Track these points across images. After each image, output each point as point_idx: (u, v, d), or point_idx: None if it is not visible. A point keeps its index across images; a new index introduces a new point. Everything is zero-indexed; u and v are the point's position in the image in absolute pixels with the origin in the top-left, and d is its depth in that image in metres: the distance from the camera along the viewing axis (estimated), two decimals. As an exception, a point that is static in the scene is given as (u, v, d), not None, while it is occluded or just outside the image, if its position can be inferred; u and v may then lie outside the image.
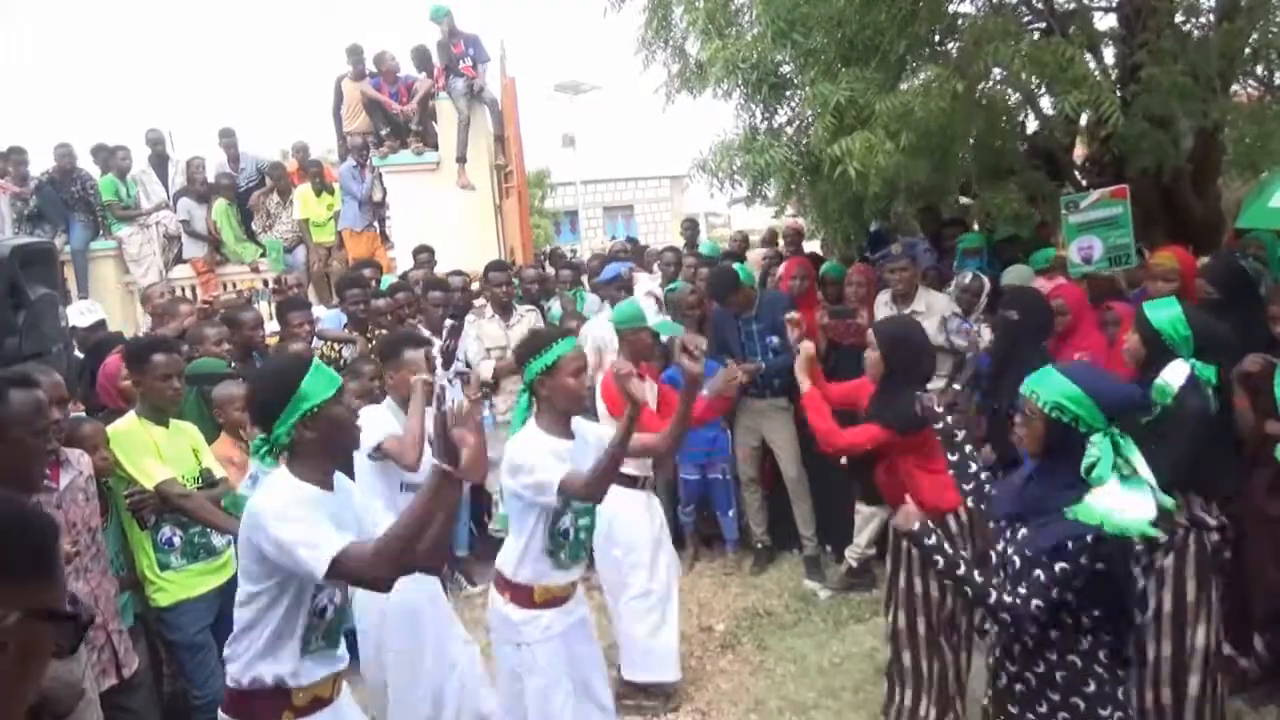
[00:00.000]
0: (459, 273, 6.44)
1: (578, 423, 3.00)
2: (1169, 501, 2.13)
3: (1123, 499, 2.05)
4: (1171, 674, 3.07)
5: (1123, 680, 2.24)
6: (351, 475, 2.45)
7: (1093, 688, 2.18)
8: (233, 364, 4.55)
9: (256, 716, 2.25)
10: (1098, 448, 2.07)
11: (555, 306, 6.14)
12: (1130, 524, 2.03)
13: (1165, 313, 3.09)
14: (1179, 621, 3.06)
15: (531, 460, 2.77)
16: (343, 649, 2.44)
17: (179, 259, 8.97)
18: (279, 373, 2.32)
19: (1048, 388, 2.18)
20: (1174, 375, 2.97)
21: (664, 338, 4.21)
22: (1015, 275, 5.08)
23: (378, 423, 3.36)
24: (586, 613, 3.16)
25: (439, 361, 5.21)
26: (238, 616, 2.25)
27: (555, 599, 2.92)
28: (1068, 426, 2.13)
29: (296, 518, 2.10)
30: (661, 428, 3.32)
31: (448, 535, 2.66)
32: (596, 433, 3.09)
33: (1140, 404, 2.31)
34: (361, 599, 3.03)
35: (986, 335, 4.80)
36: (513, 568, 2.89)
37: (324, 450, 2.29)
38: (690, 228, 8.82)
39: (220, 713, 2.31)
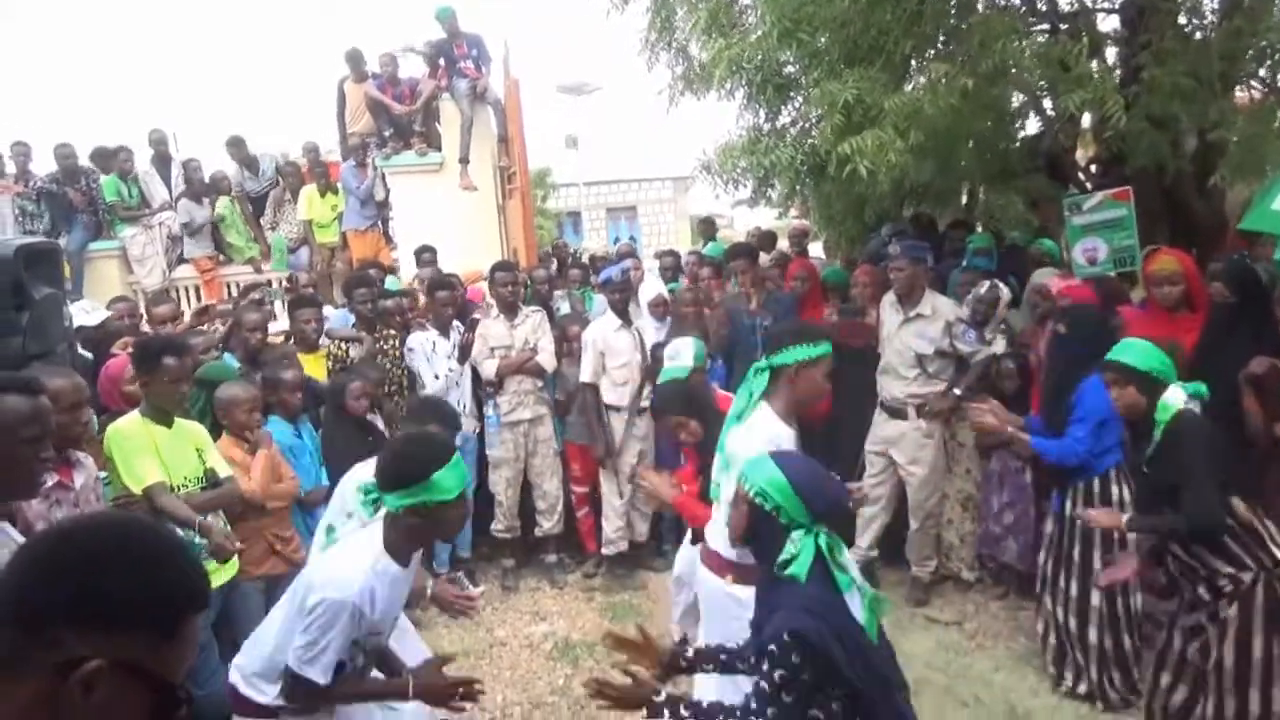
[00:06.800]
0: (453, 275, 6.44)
1: None
2: (870, 593, 2.09)
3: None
4: None
5: None
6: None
7: None
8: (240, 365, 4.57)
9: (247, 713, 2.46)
10: (796, 544, 2.01)
11: (564, 306, 6.15)
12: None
13: (1137, 352, 3.00)
14: (1241, 679, 2.84)
15: None
16: None
17: (182, 259, 8.99)
18: (419, 455, 2.31)
19: (757, 473, 2.11)
20: (1173, 397, 2.94)
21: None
22: (1043, 277, 5.03)
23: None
24: None
25: (456, 355, 5.26)
26: (279, 638, 2.38)
27: None
28: (770, 515, 2.06)
29: (342, 631, 2.23)
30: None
31: None
32: None
33: (846, 510, 2.20)
34: None
35: (1000, 344, 4.78)
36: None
37: (424, 536, 2.41)
38: (707, 227, 8.80)
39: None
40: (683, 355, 4.09)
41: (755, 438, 2.74)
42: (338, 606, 2.20)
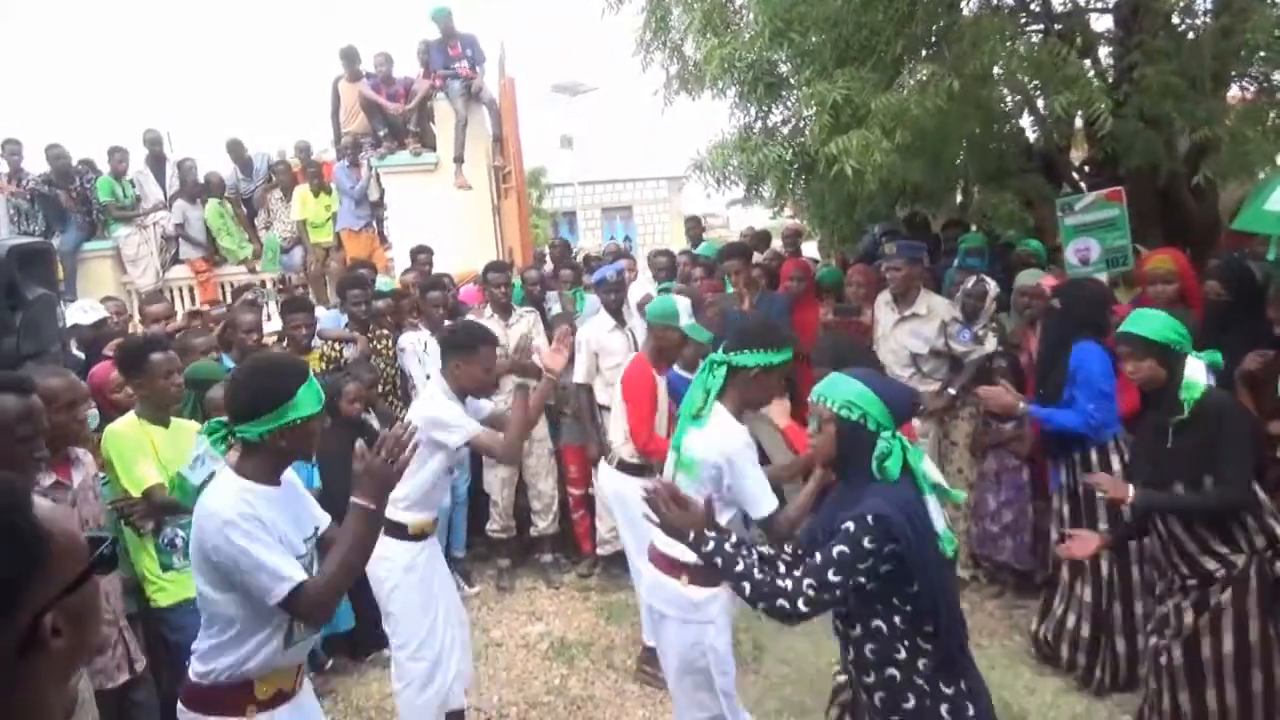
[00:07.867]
0: (446, 275, 6.45)
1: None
2: (959, 496, 2.21)
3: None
4: None
5: (950, 696, 2.07)
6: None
7: (911, 703, 2.07)
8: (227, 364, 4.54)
9: (218, 710, 2.21)
10: (888, 443, 2.10)
11: (555, 306, 6.15)
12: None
13: (1153, 323, 2.91)
14: (1242, 664, 2.80)
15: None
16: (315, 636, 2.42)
17: (176, 259, 8.97)
18: (277, 376, 2.24)
19: (837, 390, 2.18)
20: (1196, 370, 2.84)
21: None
22: (1028, 279, 5.06)
23: (450, 408, 3.34)
24: None
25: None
26: (208, 610, 2.20)
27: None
28: (858, 424, 2.13)
29: (261, 538, 2.09)
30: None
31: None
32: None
33: (914, 407, 2.33)
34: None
35: (992, 342, 4.78)
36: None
37: (288, 457, 2.28)
38: (694, 226, 8.84)
39: (180, 706, 2.26)
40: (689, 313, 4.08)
41: (716, 442, 2.77)
42: (228, 525, 2.07)
